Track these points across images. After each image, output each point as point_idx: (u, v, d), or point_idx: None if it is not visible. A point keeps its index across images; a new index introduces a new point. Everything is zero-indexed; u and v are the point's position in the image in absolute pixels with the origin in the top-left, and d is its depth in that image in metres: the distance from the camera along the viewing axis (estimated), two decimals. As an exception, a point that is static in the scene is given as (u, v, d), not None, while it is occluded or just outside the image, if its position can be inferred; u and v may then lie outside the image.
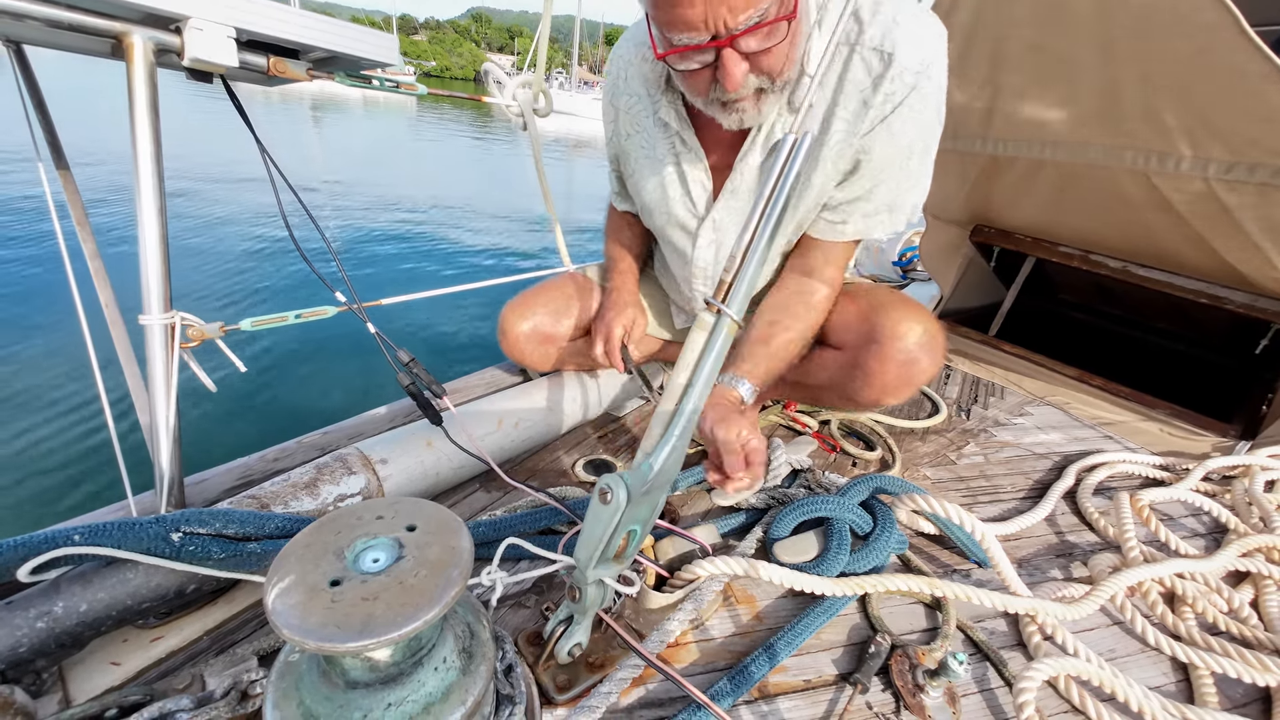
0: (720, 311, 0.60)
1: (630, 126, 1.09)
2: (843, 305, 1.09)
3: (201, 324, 0.82)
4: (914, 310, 1.03)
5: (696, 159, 1.02)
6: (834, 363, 1.09)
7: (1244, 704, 0.80)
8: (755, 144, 0.96)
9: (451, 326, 4.41)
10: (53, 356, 3.36)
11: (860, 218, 0.98)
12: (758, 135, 0.95)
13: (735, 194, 1.02)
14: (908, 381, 1.02)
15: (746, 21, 0.72)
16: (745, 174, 0.99)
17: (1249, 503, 1.19)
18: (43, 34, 0.68)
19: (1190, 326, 2.32)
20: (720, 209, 1.04)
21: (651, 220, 1.16)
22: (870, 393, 1.05)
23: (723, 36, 0.73)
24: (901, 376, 1.02)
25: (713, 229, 1.07)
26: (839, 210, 0.98)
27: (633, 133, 1.09)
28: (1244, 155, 1.25)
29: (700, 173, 1.03)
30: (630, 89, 1.07)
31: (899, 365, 1.00)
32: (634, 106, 1.07)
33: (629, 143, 1.11)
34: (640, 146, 1.09)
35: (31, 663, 0.61)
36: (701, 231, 1.08)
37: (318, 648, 0.38)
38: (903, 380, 1.02)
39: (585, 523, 0.62)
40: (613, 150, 1.19)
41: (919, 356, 1.00)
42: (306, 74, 0.83)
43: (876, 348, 1.01)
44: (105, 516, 0.84)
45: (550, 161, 2.29)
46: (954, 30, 1.54)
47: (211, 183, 7.48)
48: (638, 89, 1.05)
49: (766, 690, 0.74)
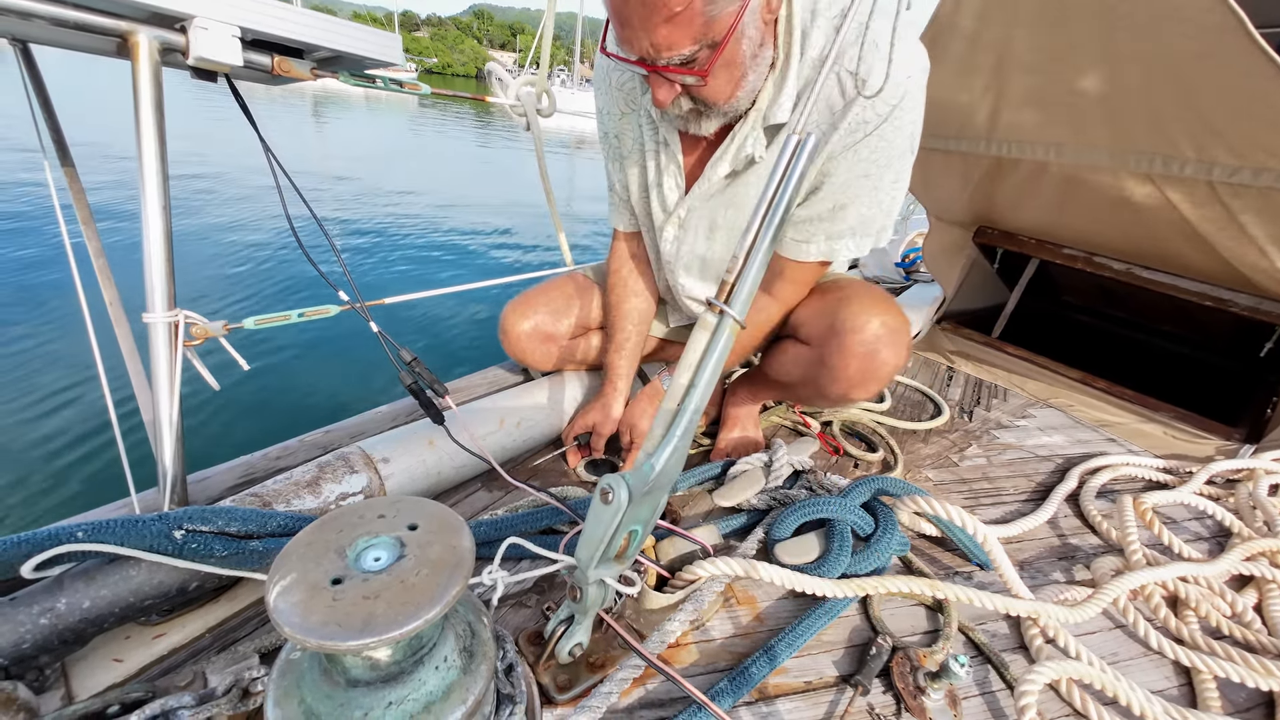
0: (722, 312, 0.60)
1: (625, 105, 1.10)
2: (810, 301, 1.11)
3: (205, 322, 0.82)
4: (875, 303, 1.02)
5: (673, 157, 1.03)
6: (805, 359, 1.09)
7: (1247, 709, 0.80)
8: (726, 153, 0.96)
9: (453, 326, 4.41)
10: (57, 354, 3.37)
11: (824, 239, 0.98)
12: (730, 145, 0.95)
13: (703, 197, 1.03)
14: (871, 375, 1.02)
15: (669, 61, 0.75)
16: (713, 180, 1.00)
17: (1253, 506, 1.18)
18: (49, 33, 0.68)
19: (1194, 329, 2.31)
20: (684, 208, 1.06)
21: (634, 206, 1.18)
22: (837, 387, 1.04)
23: (649, 63, 0.77)
24: (863, 370, 1.01)
25: (677, 225, 1.09)
26: (801, 228, 0.99)
27: (627, 111, 1.09)
28: (1249, 158, 1.25)
29: (675, 169, 1.04)
30: (621, 78, 1.07)
31: (860, 359, 1.00)
32: (628, 83, 1.07)
33: (623, 121, 1.11)
34: (628, 131, 1.09)
35: (35, 659, 0.61)
36: (667, 227, 1.10)
37: (319, 646, 0.38)
38: (866, 373, 1.02)
39: (586, 523, 0.62)
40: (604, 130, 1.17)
41: (878, 349, 0.99)
42: (311, 73, 0.83)
43: (838, 341, 1.01)
44: (109, 513, 0.84)
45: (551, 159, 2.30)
46: (957, 32, 1.55)
47: (217, 182, 7.51)
48: (626, 80, 1.05)
49: (767, 691, 0.74)
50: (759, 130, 0.92)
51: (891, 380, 1.14)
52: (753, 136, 0.93)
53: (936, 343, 2.09)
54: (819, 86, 0.60)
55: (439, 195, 8.96)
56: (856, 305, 1.02)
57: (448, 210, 8.09)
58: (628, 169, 1.12)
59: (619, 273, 1.23)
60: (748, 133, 0.93)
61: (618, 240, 1.25)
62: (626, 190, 1.16)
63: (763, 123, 0.91)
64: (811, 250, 1.00)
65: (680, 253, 1.13)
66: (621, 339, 1.21)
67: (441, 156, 13.52)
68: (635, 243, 1.24)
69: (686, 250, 1.12)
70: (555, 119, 1.59)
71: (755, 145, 0.93)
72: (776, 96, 0.89)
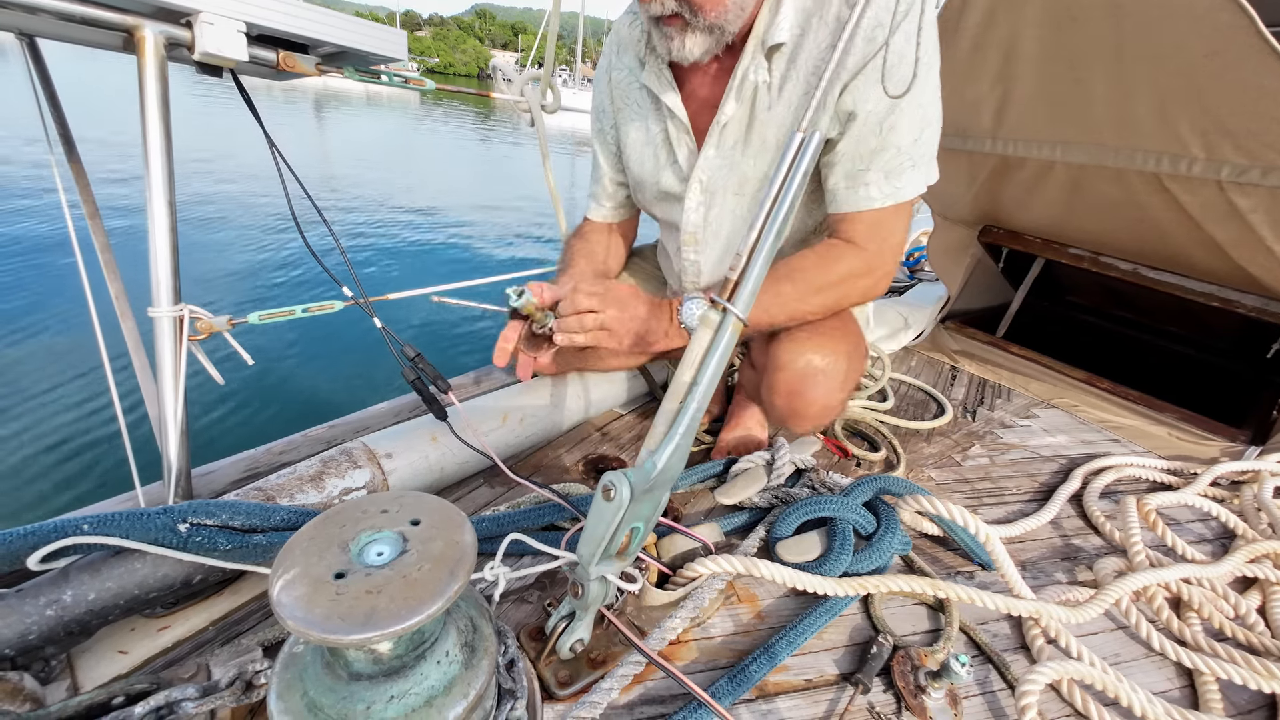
0: (726, 310, 0.60)
1: (622, 100, 1.10)
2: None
3: (209, 317, 0.82)
4: (813, 336, 0.97)
5: (680, 123, 1.01)
6: (756, 383, 1.09)
7: (1249, 711, 0.79)
8: (730, 92, 0.93)
9: (457, 322, 4.42)
10: (63, 348, 3.39)
11: (881, 177, 0.89)
12: (732, 83, 0.93)
13: (719, 147, 0.99)
14: (796, 413, 1.00)
15: None
16: (725, 124, 0.96)
17: (1258, 508, 1.18)
18: (55, 27, 0.68)
19: (1200, 330, 2.30)
20: (703, 166, 1.01)
21: (644, 196, 1.16)
22: (774, 417, 1.03)
23: None
24: (790, 407, 1.00)
25: (700, 189, 1.04)
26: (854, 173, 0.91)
27: (624, 105, 1.09)
28: (1258, 158, 1.24)
29: (684, 134, 1.02)
30: (622, 63, 1.08)
31: (784, 396, 0.99)
32: (624, 79, 1.08)
33: (621, 115, 1.11)
34: (630, 119, 1.09)
35: (41, 650, 0.61)
36: (689, 192, 1.04)
37: (321, 639, 0.38)
38: (791, 411, 1.00)
39: (588, 519, 0.62)
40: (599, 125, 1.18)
41: (802, 389, 0.97)
42: (316, 69, 0.83)
43: (768, 377, 1.00)
44: (114, 507, 0.84)
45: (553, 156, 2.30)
46: (964, 30, 1.54)
47: (222, 177, 7.52)
48: (629, 62, 1.06)
49: (767, 689, 0.74)
50: (759, 57, 0.90)
51: (831, 418, 1.07)
52: (754, 65, 0.90)
53: (940, 342, 2.09)
54: (825, 81, 0.59)
55: (441, 192, 8.97)
56: (791, 339, 0.98)
57: (451, 207, 8.10)
58: (632, 151, 1.11)
59: (571, 244, 1.22)
60: (748, 63, 0.91)
61: (585, 224, 1.26)
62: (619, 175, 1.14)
63: (762, 48, 0.89)
64: (873, 194, 0.90)
65: (707, 220, 1.06)
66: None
67: (444, 154, 13.53)
68: (601, 232, 1.24)
69: (715, 216, 1.05)
70: (557, 117, 1.59)
71: (758, 72, 0.90)
72: (773, 19, 0.86)
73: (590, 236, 1.24)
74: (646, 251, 1.39)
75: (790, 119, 0.92)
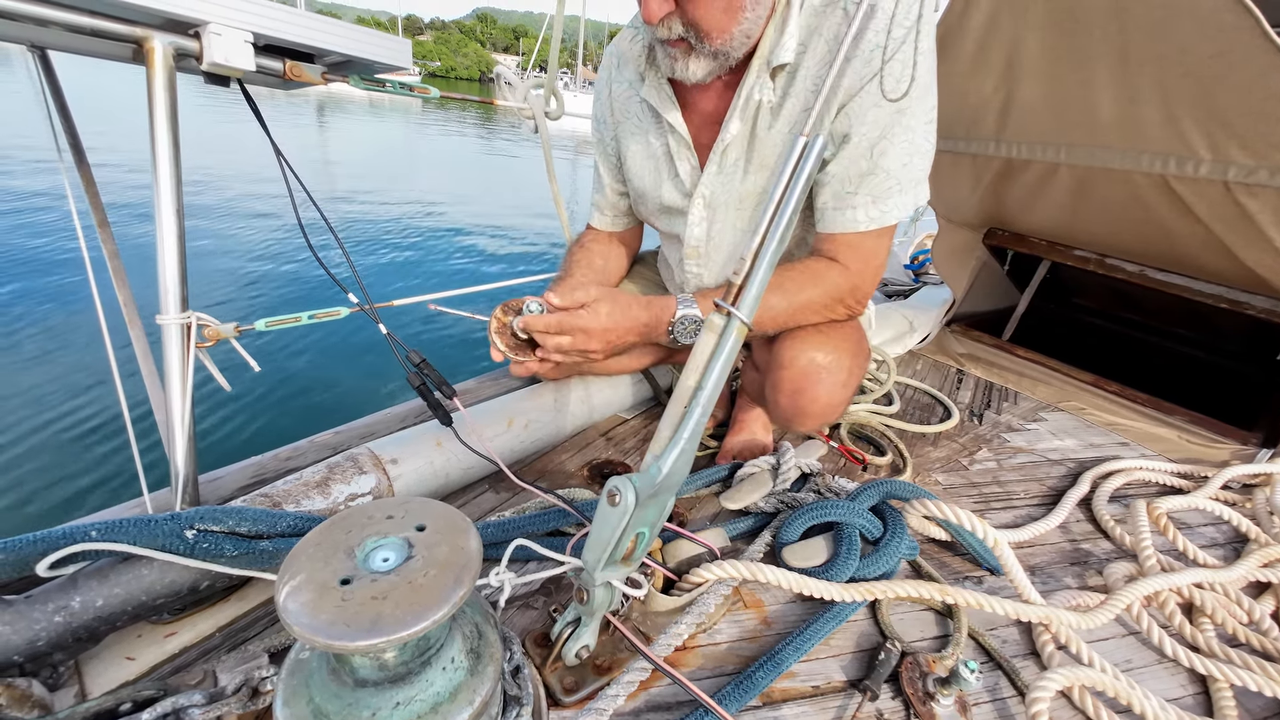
0: (730, 314, 0.60)
1: (622, 113, 1.10)
2: None
3: (217, 324, 0.83)
4: (817, 337, 0.97)
5: (681, 137, 1.01)
6: (759, 384, 1.09)
7: (1265, 718, 0.78)
8: (735, 110, 0.93)
9: (462, 328, 4.43)
10: (72, 355, 3.42)
11: (869, 201, 0.90)
12: (736, 102, 0.93)
13: (721, 165, 1.00)
14: (801, 411, 0.99)
15: None
16: (729, 143, 0.97)
17: (1270, 512, 1.16)
18: (66, 39, 0.69)
19: (1209, 332, 2.28)
20: (706, 183, 1.02)
21: (645, 208, 1.16)
22: (778, 417, 1.03)
23: None
24: (793, 406, 0.99)
25: (702, 204, 1.04)
26: (842, 194, 0.92)
27: (624, 119, 1.09)
28: (1265, 158, 1.23)
29: (685, 149, 1.02)
30: (622, 76, 1.08)
31: (788, 395, 0.98)
32: (624, 93, 1.08)
33: (621, 129, 1.11)
34: (631, 133, 1.09)
35: (49, 656, 0.62)
36: (692, 208, 1.05)
37: (327, 645, 0.38)
38: (795, 409, 1.00)
39: (593, 525, 0.61)
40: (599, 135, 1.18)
41: (806, 387, 0.97)
42: (322, 77, 0.84)
43: (771, 376, 1.00)
44: (122, 513, 0.85)
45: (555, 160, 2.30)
46: (968, 33, 1.54)
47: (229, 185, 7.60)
48: (630, 76, 1.06)
49: (774, 696, 0.73)
50: (764, 77, 0.90)
51: (834, 417, 1.07)
52: (759, 84, 0.91)
53: (946, 345, 2.08)
54: (827, 89, 0.59)
55: (446, 198, 9.03)
56: (793, 338, 0.98)
57: (455, 213, 8.14)
58: (633, 165, 1.11)
59: (571, 253, 1.23)
60: (753, 83, 0.91)
61: (587, 233, 1.27)
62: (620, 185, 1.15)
63: (767, 67, 0.89)
64: (859, 217, 0.91)
65: (710, 234, 1.07)
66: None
67: (447, 159, 13.61)
68: (603, 241, 1.25)
69: (718, 230, 1.06)
70: (559, 122, 1.60)
71: (763, 91, 0.90)
72: (779, 39, 0.87)
73: (591, 246, 1.24)
74: (648, 258, 1.39)
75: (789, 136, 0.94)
